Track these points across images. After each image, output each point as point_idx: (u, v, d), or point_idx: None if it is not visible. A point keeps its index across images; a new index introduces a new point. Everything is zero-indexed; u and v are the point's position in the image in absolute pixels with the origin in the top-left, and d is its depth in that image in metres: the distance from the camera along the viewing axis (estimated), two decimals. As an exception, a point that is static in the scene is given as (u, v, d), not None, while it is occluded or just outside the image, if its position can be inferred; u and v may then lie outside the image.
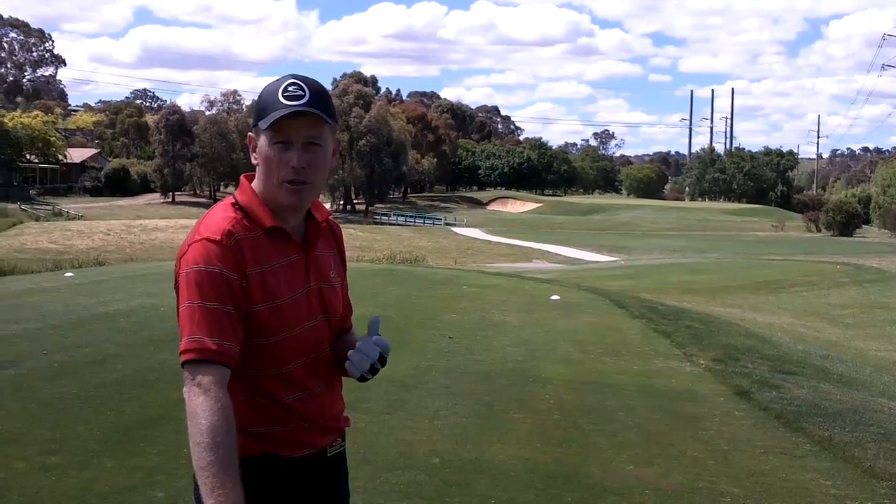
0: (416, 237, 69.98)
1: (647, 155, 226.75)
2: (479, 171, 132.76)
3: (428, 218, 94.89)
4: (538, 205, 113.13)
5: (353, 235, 65.07)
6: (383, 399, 7.93)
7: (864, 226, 78.18)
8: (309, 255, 2.53)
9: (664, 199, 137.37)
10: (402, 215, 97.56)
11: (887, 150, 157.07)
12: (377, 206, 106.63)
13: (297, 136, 2.39)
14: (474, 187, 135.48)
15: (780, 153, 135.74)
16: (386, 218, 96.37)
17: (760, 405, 8.40)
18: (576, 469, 6.19)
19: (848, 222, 73.01)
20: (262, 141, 2.41)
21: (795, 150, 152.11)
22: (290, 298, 2.44)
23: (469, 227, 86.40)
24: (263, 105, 2.42)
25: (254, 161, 2.47)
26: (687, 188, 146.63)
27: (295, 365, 2.47)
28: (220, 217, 2.42)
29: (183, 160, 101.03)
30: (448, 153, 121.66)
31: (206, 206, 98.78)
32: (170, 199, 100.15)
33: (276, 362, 2.44)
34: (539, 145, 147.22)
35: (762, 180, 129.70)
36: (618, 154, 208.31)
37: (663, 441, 7.07)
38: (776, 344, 13.84)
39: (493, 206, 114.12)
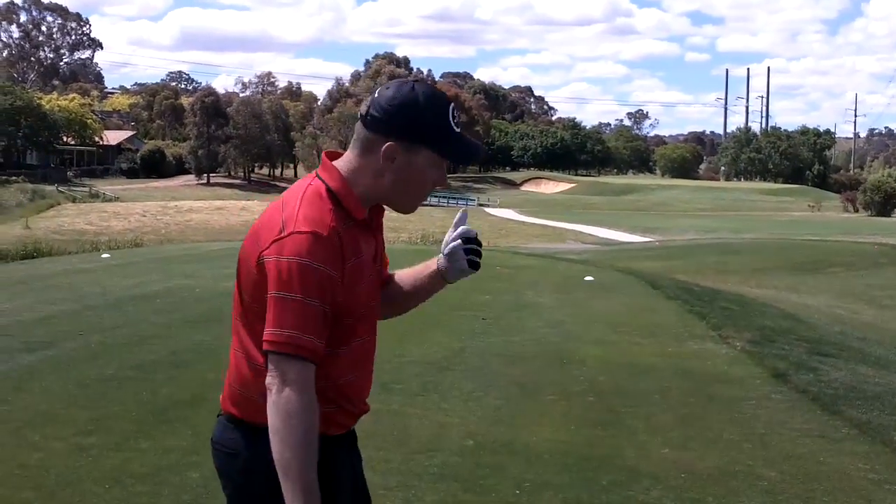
0: (450, 218, 69.16)
1: (682, 134, 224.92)
2: (512, 152, 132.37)
3: (461, 199, 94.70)
4: (572, 185, 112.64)
5: (387, 216, 64.50)
6: (417, 381, 7.93)
7: (902, 206, 77.16)
8: (377, 239, 2.59)
9: (699, 179, 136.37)
10: (435, 196, 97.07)
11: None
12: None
13: None
14: (507, 168, 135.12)
15: (816, 132, 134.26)
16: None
17: (797, 388, 8.30)
18: (610, 452, 6.15)
19: (886, 202, 72.10)
20: (422, 159, 2.46)
21: (833, 130, 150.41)
22: (366, 284, 2.50)
23: (502, 207, 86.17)
24: (432, 125, 2.44)
25: (383, 169, 2.46)
26: (722, 168, 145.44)
27: (355, 342, 2.51)
28: (319, 206, 2.39)
29: (217, 142, 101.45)
30: (481, 134, 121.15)
31: (241, 187, 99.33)
32: (205, 181, 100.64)
33: (339, 341, 2.46)
34: (573, 125, 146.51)
35: (799, 160, 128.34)
36: (652, 134, 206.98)
37: (699, 424, 7.01)
38: (813, 325, 13.70)
39: (527, 187, 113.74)
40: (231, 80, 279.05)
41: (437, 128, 2.44)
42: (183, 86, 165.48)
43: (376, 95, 2.46)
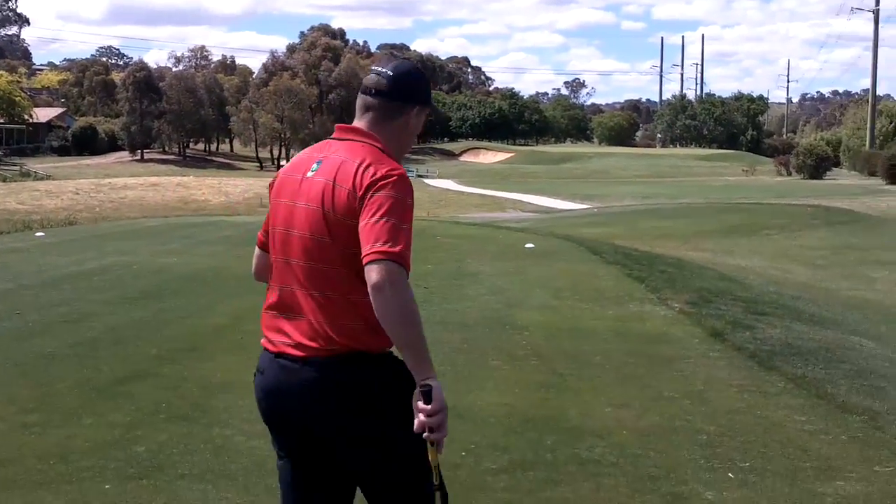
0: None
1: (618, 103, 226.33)
2: (450, 123, 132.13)
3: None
4: (510, 155, 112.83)
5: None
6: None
7: (834, 168, 78.50)
8: None
9: (636, 147, 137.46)
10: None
11: (857, 93, 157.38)
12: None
13: None
14: (445, 139, 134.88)
15: (750, 98, 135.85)
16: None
17: (734, 346, 8.49)
18: (555, 413, 6.24)
19: (818, 165, 73.15)
20: (422, 118, 3.08)
21: (766, 95, 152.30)
22: None
23: (441, 178, 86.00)
24: (429, 91, 3.12)
25: (402, 128, 3.02)
26: (658, 135, 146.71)
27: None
28: (389, 159, 2.88)
29: (151, 117, 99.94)
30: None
31: (176, 163, 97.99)
32: (138, 157, 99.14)
33: None
34: (510, 95, 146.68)
35: (733, 126, 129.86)
36: (589, 102, 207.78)
37: (640, 383, 7.14)
38: (749, 286, 13.95)
39: (466, 157, 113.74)
40: (163, 55, 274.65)
41: (429, 92, 3.12)
42: (114, 61, 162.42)
43: (391, 73, 2.97)
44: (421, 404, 2.74)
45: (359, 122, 2.99)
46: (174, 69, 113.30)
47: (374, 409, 2.81)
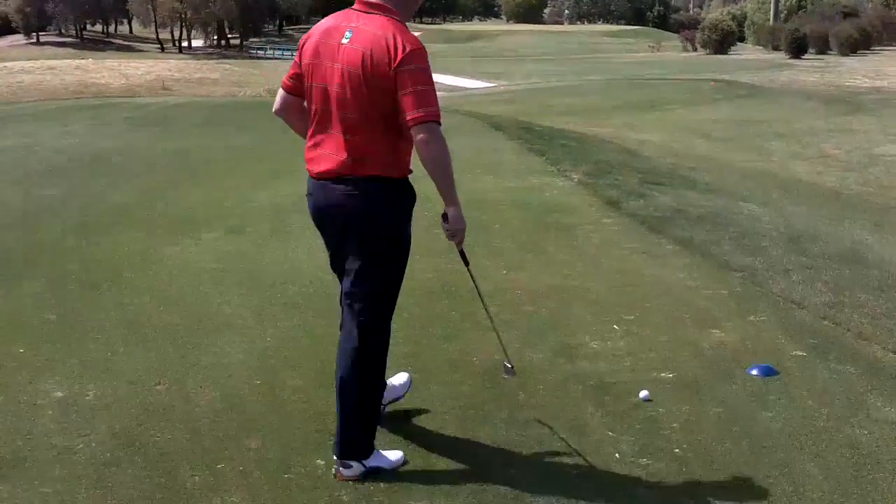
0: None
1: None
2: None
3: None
4: (417, 33, 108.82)
5: (230, 71, 63.58)
6: (265, 224, 8.17)
7: (739, 43, 79.39)
8: None
9: (544, 24, 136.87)
10: (279, 48, 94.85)
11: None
12: (252, 40, 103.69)
13: None
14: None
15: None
16: (262, 52, 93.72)
17: (628, 213, 8.86)
18: (451, 278, 6.47)
19: (723, 40, 73.88)
20: None
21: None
22: None
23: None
24: None
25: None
26: (566, 12, 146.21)
27: None
28: (409, 32, 3.54)
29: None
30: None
31: (74, 45, 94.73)
32: (34, 41, 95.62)
33: None
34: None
35: (640, 1, 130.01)
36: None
37: (536, 249, 7.47)
38: (647, 158, 14.37)
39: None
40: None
41: None
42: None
43: None
44: (442, 222, 3.80)
45: None
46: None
47: (383, 221, 3.68)
